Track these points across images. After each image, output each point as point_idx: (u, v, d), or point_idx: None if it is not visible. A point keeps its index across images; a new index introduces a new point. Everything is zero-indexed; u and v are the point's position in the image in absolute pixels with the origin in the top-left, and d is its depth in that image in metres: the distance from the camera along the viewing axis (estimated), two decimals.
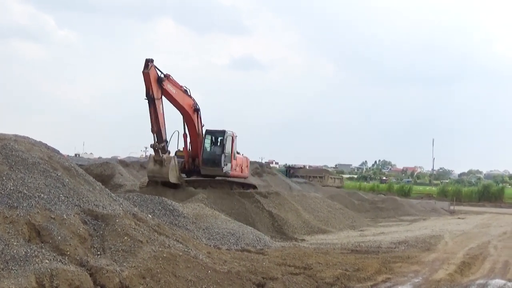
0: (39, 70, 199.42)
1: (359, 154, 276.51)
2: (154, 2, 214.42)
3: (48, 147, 11.73)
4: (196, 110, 24.10)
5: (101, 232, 9.47)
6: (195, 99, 24.02)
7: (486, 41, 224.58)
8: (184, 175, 24.98)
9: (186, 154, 24.58)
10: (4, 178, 9.30)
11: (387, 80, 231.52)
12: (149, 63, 21.15)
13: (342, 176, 67.27)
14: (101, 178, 24.13)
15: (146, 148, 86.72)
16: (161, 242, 10.14)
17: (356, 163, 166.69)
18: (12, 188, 9.12)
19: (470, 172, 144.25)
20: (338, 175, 68.14)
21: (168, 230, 11.74)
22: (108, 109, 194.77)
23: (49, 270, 7.55)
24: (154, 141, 21.94)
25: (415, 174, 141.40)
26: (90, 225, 9.53)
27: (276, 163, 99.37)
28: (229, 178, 25.65)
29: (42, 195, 9.34)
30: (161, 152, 22.19)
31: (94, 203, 10.22)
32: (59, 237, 8.51)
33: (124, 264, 8.71)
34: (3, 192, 8.94)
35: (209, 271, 9.76)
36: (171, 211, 16.59)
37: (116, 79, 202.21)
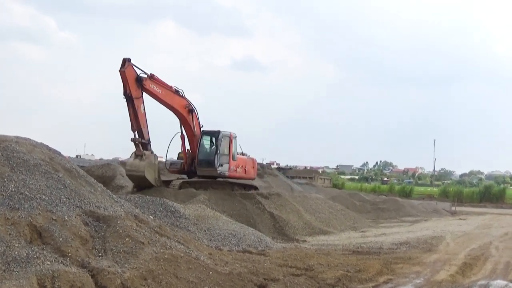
0: (40, 72, 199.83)
1: (360, 155, 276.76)
2: (155, 4, 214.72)
3: (50, 149, 11.73)
4: (191, 111, 24.03)
5: (103, 234, 9.48)
6: (190, 100, 23.91)
7: (487, 42, 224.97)
8: (186, 176, 25.01)
9: (185, 156, 24.57)
10: (6, 180, 9.30)
11: (388, 81, 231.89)
12: (126, 62, 21.12)
13: (331, 177, 68.09)
14: (103, 180, 24.11)
15: None
16: (163, 244, 10.14)
17: (358, 164, 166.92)
18: (14, 190, 9.12)
19: (472, 173, 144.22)
20: (328, 176, 68.88)
21: (170, 232, 11.75)
22: (109, 111, 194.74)
23: (51, 272, 7.55)
24: (135, 136, 21.74)
25: (416, 175, 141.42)
26: (92, 227, 9.53)
27: (277, 164, 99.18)
28: (230, 179, 25.62)
29: (44, 197, 9.35)
30: (142, 147, 21.86)
31: (96, 205, 10.22)
32: (61, 239, 8.51)
33: (126, 266, 8.71)
34: (5, 194, 8.95)
35: (211, 272, 9.75)
36: (173, 213, 16.59)
37: (117, 81, 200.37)
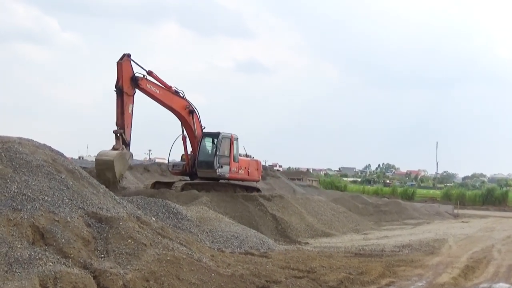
0: (43, 73, 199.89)
1: (363, 158, 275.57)
2: (158, 5, 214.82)
3: (52, 150, 11.74)
4: (191, 112, 23.98)
5: (105, 235, 9.47)
6: (190, 101, 23.92)
7: (490, 45, 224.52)
8: (188, 178, 25.01)
9: (187, 157, 24.57)
10: (8, 181, 9.31)
11: (391, 83, 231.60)
12: (125, 56, 21.11)
13: (319, 179, 69.05)
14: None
15: (150, 151, 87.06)
16: (165, 245, 10.14)
17: (360, 166, 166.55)
18: (16, 191, 9.13)
19: (474, 176, 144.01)
20: (315, 178, 69.70)
21: (172, 233, 11.75)
22: (112, 112, 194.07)
23: (53, 273, 7.55)
24: (118, 129, 21.02)
25: (419, 178, 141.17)
26: (94, 228, 9.54)
27: (280, 166, 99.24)
28: (233, 181, 25.61)
29: (46, 198, 9.36)
30: (121, 142, 20.97)
31: (98, 206, 10.22)
32: (63, 240, 8.52)
33: (128, 267, 8.71)
34: (7, 195, 8.96)
35: (213, 274, 9.75)
36: (175, 214, 16.59)
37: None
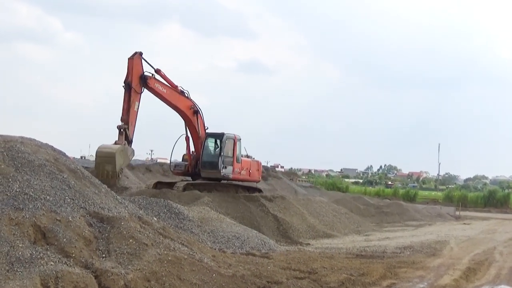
0: (45, 72, 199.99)
1: (365, 159, 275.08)
2: (160, 5, 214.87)
3: (54, 149, 11.74)
4: (196, 112, 24.00)
5: (107, 235, 9.48)
6: (195, 101, 23.89)
7: (490, 45, 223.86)
8: (190, 178, 25.03)
9: (189, 157, 24.57)
10: (10, 180, 9.32)
11: (393, 84, 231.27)
12: (136, 53, 21.11)
13: (308, 179, 69.60)
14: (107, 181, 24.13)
15: (152, 151, 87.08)
16: (166, 245, 10.14)
17: (362, 168, 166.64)
18: (18, 190, 9.14)
19: (476, 178, 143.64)
20: (306, 179, 70.23)
21: (173, 233, 11.74)
22: (114, 112, 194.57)
23: (54, 272, 7.56)
24: (122, 124, 20.50)
25: (421, 179, 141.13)
26: (96, 228, 9.54)
27: (282, 167, 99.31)
28: (235, 182, 25.63)
29: (48, 197, 9.36)
30: (124, 138, 20.37)
31: (100, 206, 10.23)
32: (65, 239, 8.53)
33: (129, 267, 8.71)
34: (9, 194, 8.97)
35: (214, 275, 9.75)
36: (176, 214, 16.61)
37: (122, 82, 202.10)
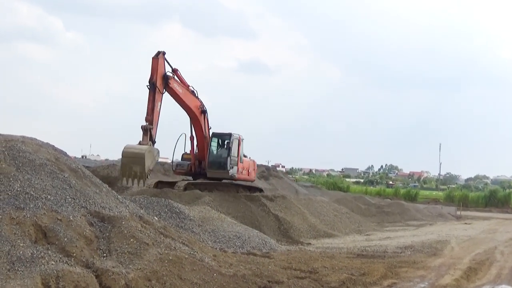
0: (46, 72, 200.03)
1: (366, 159, 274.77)
2: (161, 5, 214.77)
3: (55, 149, 11.75)
4: (203, 112, 24.05)
5: (107, 234, 9.49)
6: (202, 101, 23.97)
7: (490, 45, 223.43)
8: (191, 178, 25.03)
9: (193, 157, 24.55)
10: (11, 179, 9.33)
11: (394, 84, 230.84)
12: (160, 53, 21.13)
13: (295, 179, 70.53)
14: (108, 180, 24.02)
15: None
16: (167, 245, 10.15)
17: (363, 167, 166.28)
18: (19, 189, 9.15)
19: (477, 177, 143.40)
20: (293, 178, 70.36)
21: (174, 233, 11.76)
22: (115, 111, 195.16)
23: (55, 272, 7.57)
24: (146, 124, 20.02)
25: (422, 179, 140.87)
26: (97, 227, 9.55)
27: (283, 167, 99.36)
28: (236, 181, 25.66)
29: (49, 197, 9.37)
30: (149, 138, 19.99)
31: (101, 205, 10.24)
32: (66, 239, 8.53)
33: (130, 266, 8.72)
34: (10, 193, 8.97)
35: (215, 274, 9.76)
36: (177, 214, 16.60)
37: (123, 81, 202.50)
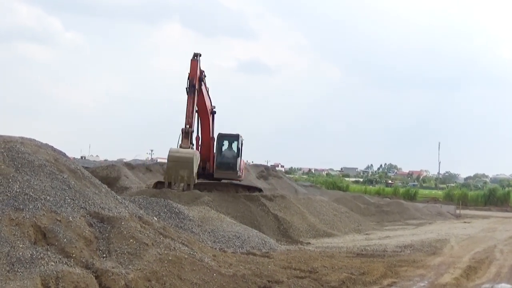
0: (45, 72, 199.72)
1: (365, 158, 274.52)
2: (160, 5, 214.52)
3: (54, 150, 11.74)
4: (213, 113, 24.25)
5: (107, 235, 9.48)
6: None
7: (490, 45, 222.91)
8: None
9: None
10: (10, 180, 9.32)
11: (394, 84, 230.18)
12: (198, 55, 21.52)
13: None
14: (107, 181, 24.14)
15: (152, 151, 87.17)
16: (167, 245, 10.15)
17: (362, 167, 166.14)
18: (18, 190, 9.14)
19: (476, 176, 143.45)
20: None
21: (174, 233, 11.75)
22: (114, 112, 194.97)
23: (55, 273, 7.56)
24: (186, 127, 20.91)
25: (421, 178, 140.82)
26: (96, 228, 9.54)
27: (282, 166, 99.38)
28: (235, 181, 25.70)
29: (48, 198, 9.36)
30: (190, 141, 21.00)
31: (100, 206, 10.23)
32: (65, 240, 8.52)
33: (130, 267, 8.72)
34: (9, 194, 8.96)
35: (215, 274, 9.76)
36: (177, 214, 16.60)
37: (123, 82, 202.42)
